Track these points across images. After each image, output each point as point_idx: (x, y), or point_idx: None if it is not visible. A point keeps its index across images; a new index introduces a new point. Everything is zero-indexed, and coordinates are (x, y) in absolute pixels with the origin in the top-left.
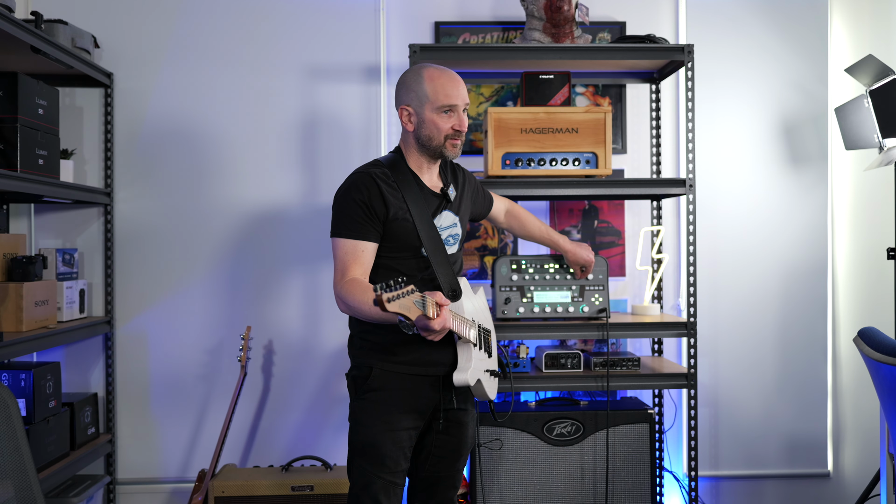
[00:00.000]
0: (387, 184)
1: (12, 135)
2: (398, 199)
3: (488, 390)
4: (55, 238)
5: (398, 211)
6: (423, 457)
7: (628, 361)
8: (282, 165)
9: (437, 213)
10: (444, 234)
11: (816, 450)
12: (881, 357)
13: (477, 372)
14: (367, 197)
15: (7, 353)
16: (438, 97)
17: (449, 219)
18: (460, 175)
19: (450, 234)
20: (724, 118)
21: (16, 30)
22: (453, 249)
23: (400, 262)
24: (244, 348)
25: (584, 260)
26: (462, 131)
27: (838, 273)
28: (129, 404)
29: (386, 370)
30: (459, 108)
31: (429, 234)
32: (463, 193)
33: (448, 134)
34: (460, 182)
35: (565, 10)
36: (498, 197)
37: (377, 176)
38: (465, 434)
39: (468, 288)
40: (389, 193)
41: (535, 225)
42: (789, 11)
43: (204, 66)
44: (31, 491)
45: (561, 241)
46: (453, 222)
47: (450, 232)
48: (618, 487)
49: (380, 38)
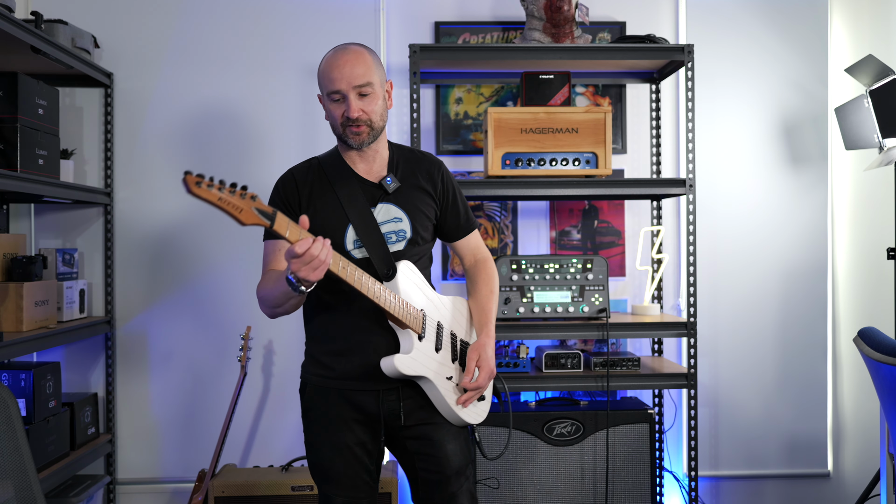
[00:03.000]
0: (308, 179)
1: (12, 135)
2: (324, 192)
3: (454, 404)
4: (55, 238)
5: (318, 199)
6: (411, 478)
7: (628, 361)
8: (282, 165)
9: (375, 203)
10: (383, 228)
11: (816, 450)
12: (881, 357)
13: (419, 366)
14: (282, 196)
15: (7, 353)
16: (324, 83)
17: (390, 212)
18: (416, 169)
19: (391, 230)
20: (724, 118)
21: (16, 30)
22: (396, 247)
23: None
24: (244, 348)
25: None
26: (352, 118)
27: (838, 273)
28: (129, 404)
29: (319, 385)
30: (349, 93)
31: (362, 221)
32: (414, 188)
33: (342, 122)
34: (407, 173)
35: (565, 10)
36: (474, 241)
37: (295, 173)
38: (443, 453)
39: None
40: (308, 188)
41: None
42: (789, 11)
43: (204, 66)
44: (31, 491)
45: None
46: (396, 216)
47: (390, 228)
48: (618, 487)
49: (380, 38)
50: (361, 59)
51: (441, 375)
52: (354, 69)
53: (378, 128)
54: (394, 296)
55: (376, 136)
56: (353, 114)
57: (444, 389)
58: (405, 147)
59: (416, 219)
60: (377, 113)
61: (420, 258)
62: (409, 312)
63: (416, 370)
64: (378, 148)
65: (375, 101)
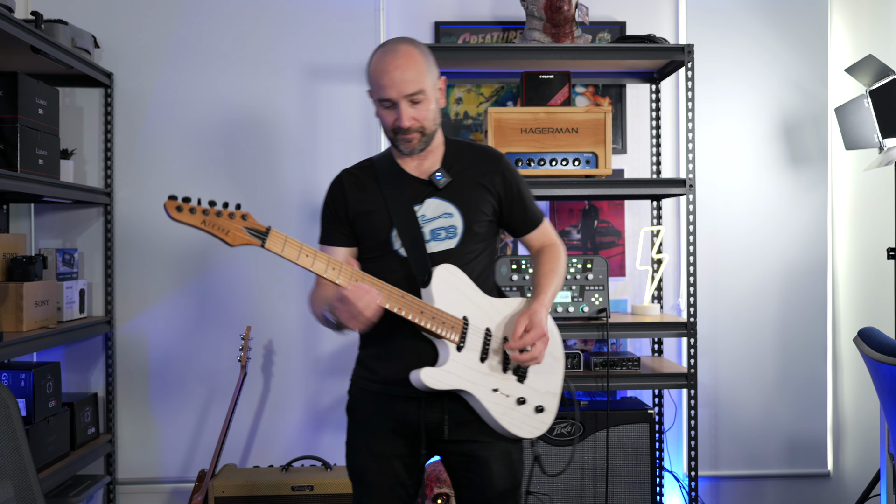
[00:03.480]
0: (358, 180)
1: (12, 135)
2: (371, 193)
3: (501, 417)
4: (55, 238)
5: (363, 205)
6: (455, 493)
7: (628, 361)
8: (282, 165)
9: (418, 201)
10: (431, 225)
11: (816, 450)
12: (881, 357)
13: (455, 379)
14: (331, 198)
15: (7, 353)
16: (373, 87)
17: (440, 207)
18: (471, 162)
19: (440, 227)
20: (724, 118)
21: (16, 30)
22: (446, 245)
23: (376, 262)
24: (244, 348)
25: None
26: (404, 127)
27: (838, 273)
28: (129, 404)
29: (363, 388)
30: (400, 101)
31: (405, 222)
32: (469, 181)
33: (393, 128)
34: (462, 168)
35: (565, 10)
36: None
37: (347, 174)
38: (487, 473)
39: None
40: (357, 190)
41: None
42: (789, 11)
43: (204, 66)
44: (31, 491)
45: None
46: (446, 212)
47: (439, 224)
48: (618, 487)
49: (380, 39)
50: (413, 64)
51: (485, 388)
52: (405, 75)
53: (431, 132)
54: (426, 306)
55: (430, 140)
56: (405, 123)
57: (489, 402)
58: (463, 141)
59: (468, 214)
60: (429, 118)
61: (477, 256)
62: (444, 322)
63: (449, 383)
64: (432, 147)
65: (428, 106)
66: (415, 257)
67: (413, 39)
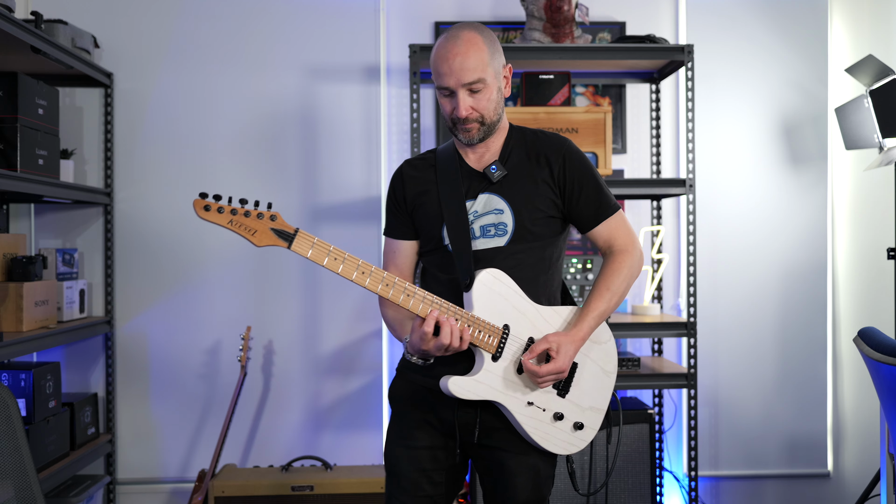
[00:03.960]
0: (417, 172)
1: (12, 135)
2: (428, 185)
3: (533, 432)
4: (55, 238)
5: (419, 198)
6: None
7: (628, 361)
8: (281, 165)
9: (471, 195)
10: (481, 221)
11: (816, 450)
12: (881, 357)
13: (484, 389)
14: (392, 190)
15: (7, 353)
16: (434, 74)
17: (491, 203)
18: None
19: (490, 223)
20: (724, 118)
21: (16, 30)
22: (495, 243)
23: (430, 259)
24: (244, 348)
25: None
26: (461, 117)
27: (838, 273)
28: (129, 404)
29: (405, 379)
30: (458, 90)
31: (456, 219)
32: (526, 175)
33: (452, 118)
34: (520, 159)
35: (565, 10)
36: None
37: (408, 165)
38: (511, 485)
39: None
40: (415, 182)
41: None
42: (789, 11)
43: (204, 66)
44: (31, 491)
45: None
46: (496, 208)
47: (489, 220)
48: (618, 487)
49: (380, 38)
50: (474, 51)
51: (520, 400)
52: (465, 63)
53: (491, 122)
54: (463, 312)
55: (490, 132)
56: (463, 113)
57: (521, 416)
58: (528, 130)
59: (521, 211)
60: (490, 108)
61: (531, 256)
62: (482, 330)
63: (478, 394)
64: (494, 138)
65: (488, 95)
66: (460, 258)
67: (479, 25)
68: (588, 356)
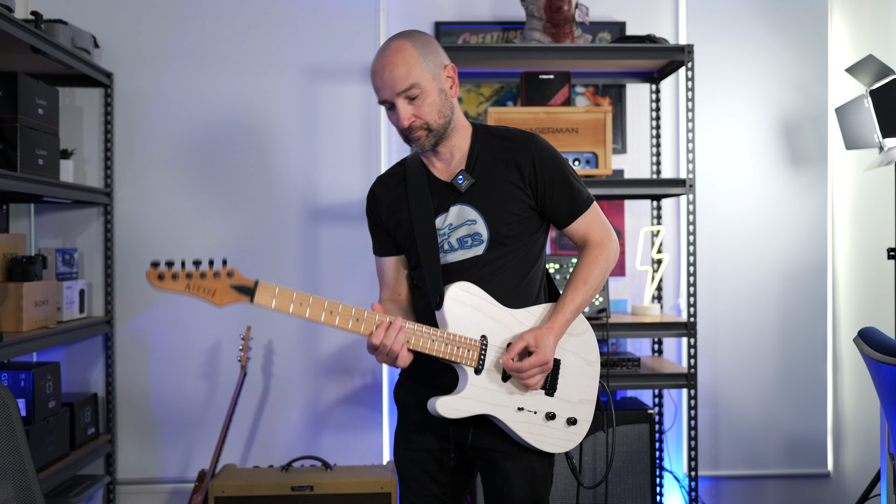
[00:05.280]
0: (389, 189)
1: (12, 135)
2: (400, 203)
3: (528, 436)
4: (55, 238)
5: (394, 217)
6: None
7: (628, 361)
8: (281, 165)
9: (443, 209)
10: (457, 234)
11: (816, 450)
12: (881, 357)
13: (474, 405)
14: (368, 210)
15: (7, 353)
16: (375, 91)
17: (463, 214)
18: (497, 157)
19: (466, 234)
20: (724, 118)
21: (16, 30)
22: (474, 252)
23: (414, 274)
24: (244, 348)
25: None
26: (404, 127)
27: (838, 273)
28: (129, 404)
29: (405, 384)
30: (395, 101)
31: (425, 237)
32: (494, 180)
33: (399, 130)
34: (487, 164)
35: (565, 10)
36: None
37: (379, 183)
38: (507, 486)
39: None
40: (388, 201)
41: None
42: (789, 11)
43: (204, 66)
44: (31, 491)
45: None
46: (469, 218)
47: (464, 232)
48: (618, 487)
49: (380, 39)
50: (402, 59)
51: (509, 408)
52: (394, 72)
53: (439, 126)
54: (437, 332)
55: (441, 135)
56: (405, 122)
57: (514, 423)
58: (493, 129)
59: (493, 220)
60: (433, 113)
61: (511, 259)
62: (459, 346)
63: (468, 410)
64: (454, 142)
65: (428, 99)
66: (430, 277)
67: (410, 32)
68: (568, 350)
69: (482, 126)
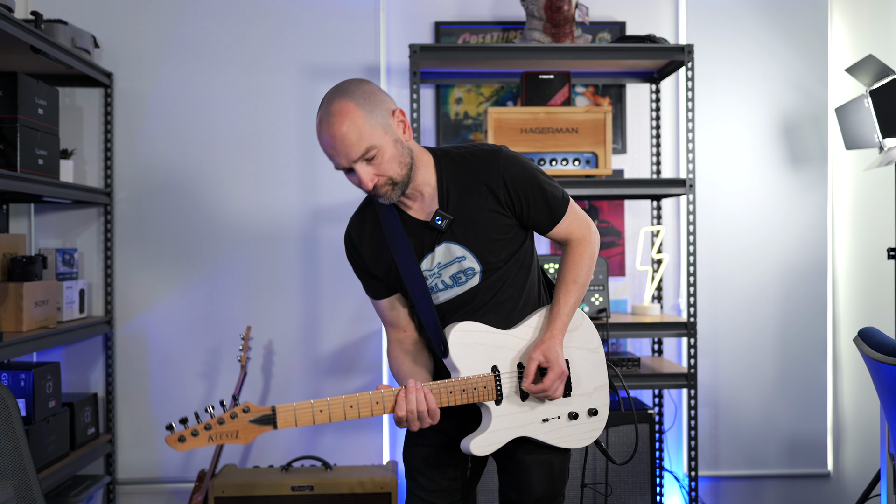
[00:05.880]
0: (365, 234)
1: (12, 135)
2: (381, 251)
3: (558, 441)
4: (55, 238)
5: (381, 261)
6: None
7: (628, 361)
8: (281, 165)
9: (428, 249)
10: (448, 271)
11: (816, 450)
12: (881, 357)
13: (504, 434)
14: (350, 257)
15: (7, 353)
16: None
17: (451, 252)
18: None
19: (458, 271)
20: (724, 118)
21: (16, 30)
22: (471, 284)
23: (415, 310)
24: (244, 348)
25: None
26: (369, 189)
27: (838, 273)
28: (129, 404)
29: None
30: (354, 166)
31: (415, 285)
32: (473, 211)
33: (364, 190)
34: (460, 197)
35: (565, 10)
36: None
37: (353, 227)
38: (526, 479)
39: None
40: (370, 245)
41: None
42: (789, 11)
43: (204, 66)
44: (31, 491)
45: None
46: (458, 255)
47: (456, 269)
48: (618, 487)
49: (380, 38)
50: (349, 124)
51: (535, 423)
52: (346, 139)
53: (402, 177)
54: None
55: (406, 183)
56: (368, 185)
57: (542, 434)
58: (454, 153)
59: (481, 251)
60: (394, 167)
61: (509, 275)
62: (476, 387)
63: (501, 441)
64: (420, 179)
65: (385, 156)
66: (429, 325)
67: (346, 88)
68: (572, 346)
69: (443, 152)
